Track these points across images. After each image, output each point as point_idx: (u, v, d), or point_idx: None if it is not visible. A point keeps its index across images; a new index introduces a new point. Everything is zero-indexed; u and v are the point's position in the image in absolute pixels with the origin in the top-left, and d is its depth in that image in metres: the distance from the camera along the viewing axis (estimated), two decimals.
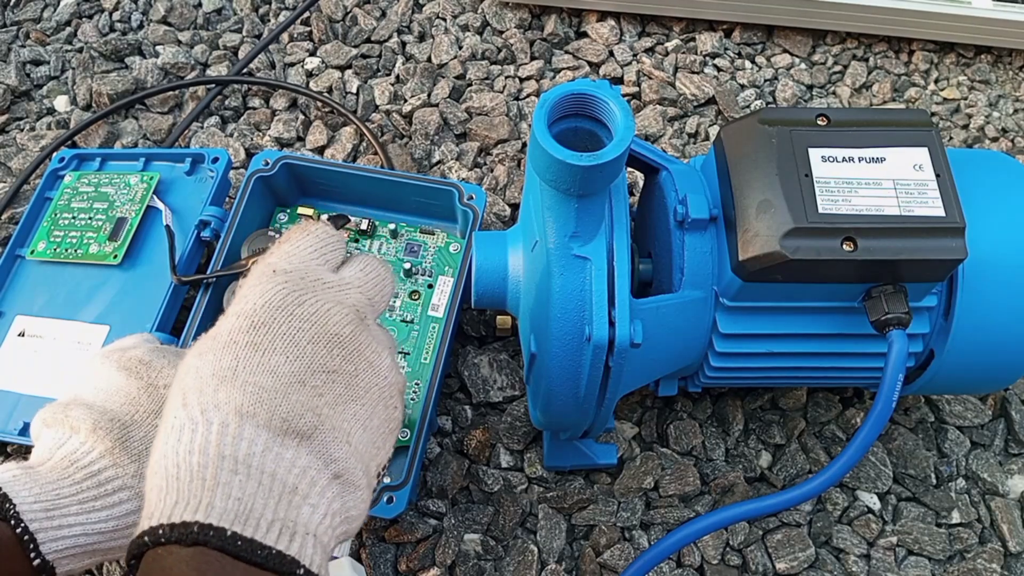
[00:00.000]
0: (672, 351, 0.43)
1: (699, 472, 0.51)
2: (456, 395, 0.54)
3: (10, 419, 0.50)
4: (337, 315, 0.30)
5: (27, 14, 0.72)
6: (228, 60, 0.69)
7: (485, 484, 0.50)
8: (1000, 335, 0.42)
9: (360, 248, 0.55)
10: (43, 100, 0.67)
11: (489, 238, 0.45)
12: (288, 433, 0.26)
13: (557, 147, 0.33)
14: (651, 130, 0.65)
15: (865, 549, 0.50)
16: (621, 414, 0.53)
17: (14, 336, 0.52)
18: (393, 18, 0.71)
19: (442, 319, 0.52)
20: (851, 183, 0.37)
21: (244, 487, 0.25)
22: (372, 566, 0.48)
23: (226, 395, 0.26)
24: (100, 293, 0.53)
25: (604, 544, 0.49)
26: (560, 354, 0.38)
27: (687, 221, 0.40)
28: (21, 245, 0.55)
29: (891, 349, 0.37)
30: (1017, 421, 0.54)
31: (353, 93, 0.67)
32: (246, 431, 0.26)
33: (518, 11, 0.71)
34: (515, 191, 0.61)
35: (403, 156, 0.63)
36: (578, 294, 0.37)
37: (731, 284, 0.39)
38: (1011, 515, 0.51)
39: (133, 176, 0.56)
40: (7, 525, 0.30)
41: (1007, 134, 0.67)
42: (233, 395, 0.26)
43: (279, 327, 0.29)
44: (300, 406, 0.27)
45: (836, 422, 0.54)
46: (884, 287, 0.38)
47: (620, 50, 0.69)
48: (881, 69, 0.70)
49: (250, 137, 0.64)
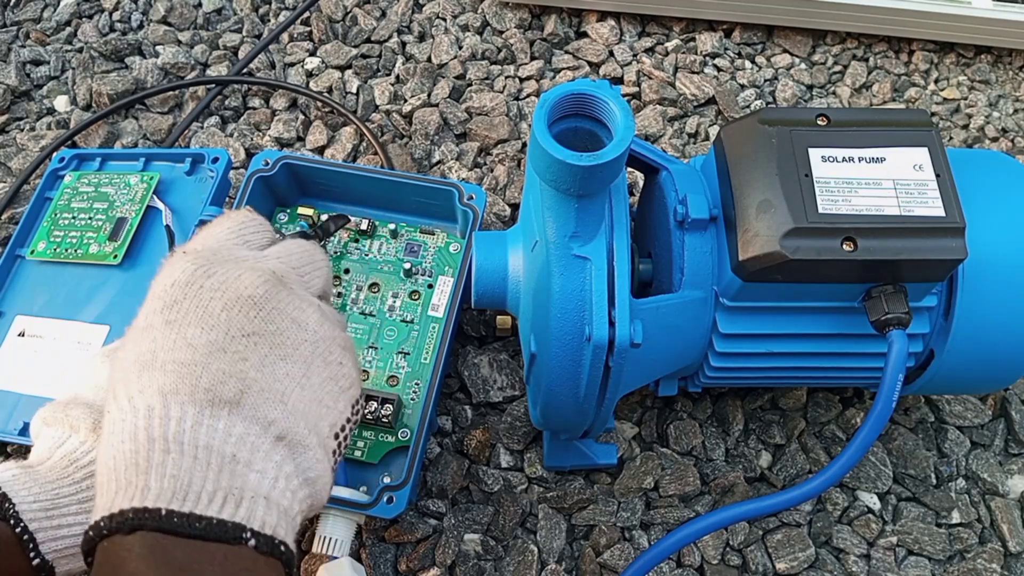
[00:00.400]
0: (672, 351, 0.43)
1: (699, 472, 0.51)
2: (456, 395, 0.54)
3: (10, 419, 0.50)
4: (248, 278, 0.29)
5: (27, 14, 0.72)
6: (228, 60, 0.69)
7: (485, 484, 0.50)
8: (1000, 335, 0.42)
9: (360, 248, 0.55)
10: (43, 100, 0.67)
11: (489, 238, 0.45)
12: (215, 403, 0.26)
13: (557, 147, 0.33)
14: (651, 130, 0.65)
15: (865, 549, 0.50)
16: (621, 414, 0.53)
17: (14, 336, 0.52)
18: (393, 18, 0.71)
19: (442, 319, 0.52)
20: (851, 183, 0.37)
21: (179, 464, 0.24)
22: (372, 566, 0.48)
23: (148, 379, 0.26)
24: (100, 293, 0.53)
25: (604, 544, 0.49)
26: (560, 354, 0.38)
27: (687, 221, 0.40)
28: (21, 245, 0.55)
29: (891, 349, 0.37)
30: (1017, 421, 0.54)
31: (353, 93, 0.67)
32: (172, 410, 0.25)
33: (518, 11, 0.71)
34: (515, 191, 0.61)
35: (403, 156, 0.63)
36: (578, 294, 0.37)
37: (731, 284, 0.39)
38: (1011, 515, 0.51)
39: (133, 176, 0.56)
40: (7, 525, 0.30)
41: (1007, 134, 0.67)
42: (155, 377, 0.26)
43: (190, 301, 0.28)
44: (222, 374, 0.27)
45: (836, 422, 0.54)
46: (884, 287, 0.38)
47: (620, 50, 0.69)
48: (881, 69, 0.70)
49: (250, 137, 0.64)
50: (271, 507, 0.26)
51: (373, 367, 0.51)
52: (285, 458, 0.27)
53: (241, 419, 0.26)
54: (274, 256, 0.32)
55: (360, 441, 0.48)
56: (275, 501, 0.26)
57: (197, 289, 0.28)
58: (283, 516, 0.26)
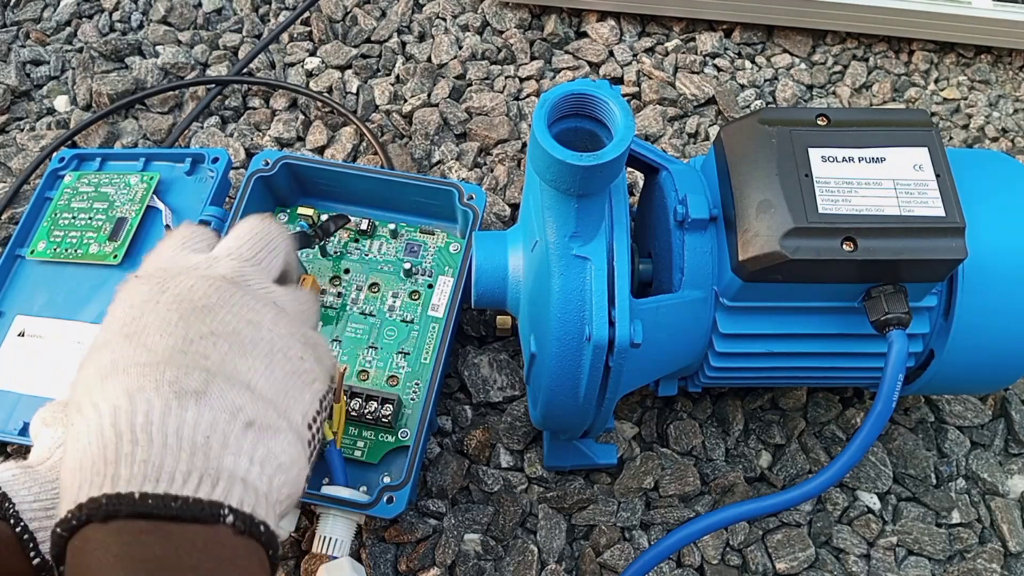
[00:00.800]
0: (672, 351, 0.43)
1: (699, 472, 0.51)
2: (456, 395, 0.54)
3: (10, 419, 0.50)
4: (201, 289, 0.29)
5: (27, 14, 0.72)
6: (228, 60, 0.69)
7: (485, 484, 0.50)
8: (1000, 335, 0.42)
9: (360, 248, 0.55)
10: (43, 100, 0.67)
11: (489, 238, 0.45)
12: (181, 395, 0.25)
13: (557, 147, 0.33)
14: (651, 130, 0.65)
15: (865, 549, 0.50)
16: (621, 414, 0.53)
17: (14, 336, 0.52)
18: (393, 18, 0.71)
19: (442, 319, 0.52)
20: (851, 183, 0.37)
21: (148, 451, 0.24)
22: (372, 566, 0.48)
23: (112, 384, 0.26)
24: (100, 293, 0.53)
25: (604, 544, 0.49)
26: (560, 354, 0.38)
27: (687, 221, 0.40)
28: (21, 245, 0.55)
29: (891, 349, 0.37)
30: (1017, 421, 0.54)
31: (353, 93, 0.67)
32: (139, 405, 0.25)
33: (518, 11, 0.71)
34: (515, 191, 0.61)
35: (403, 156, 0.63)
36: (578, 294, 0.37)
37: (731, 284, 0.39)
38: (1011, 515, 0.51)
39: (133, 176, 0.56)
40: (7, 524, 0.30)
41: (1007, 134, 0.67)
42: (118, 380, 0.26)
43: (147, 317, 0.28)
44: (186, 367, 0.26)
45: (836, 422, 0.54)
46: (884, 287, 0.38)
47: (620, 50, 0.69)
48: (881, 69, 0.70)
49: (250, 137, 0.64)
50: (248, 489, 0.25)
51: (373, 367, 0.51)
52: (257, 443, 0.27)
53: (209, 408, 0.26)
54: (224, 255, 0.32)
55: (360, 441, 0.48)
56: (252, 484, 0.25)
57: (154, 305, 0.28)
58: (262, 500, 0.26)
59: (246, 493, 0.25)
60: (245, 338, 0.29)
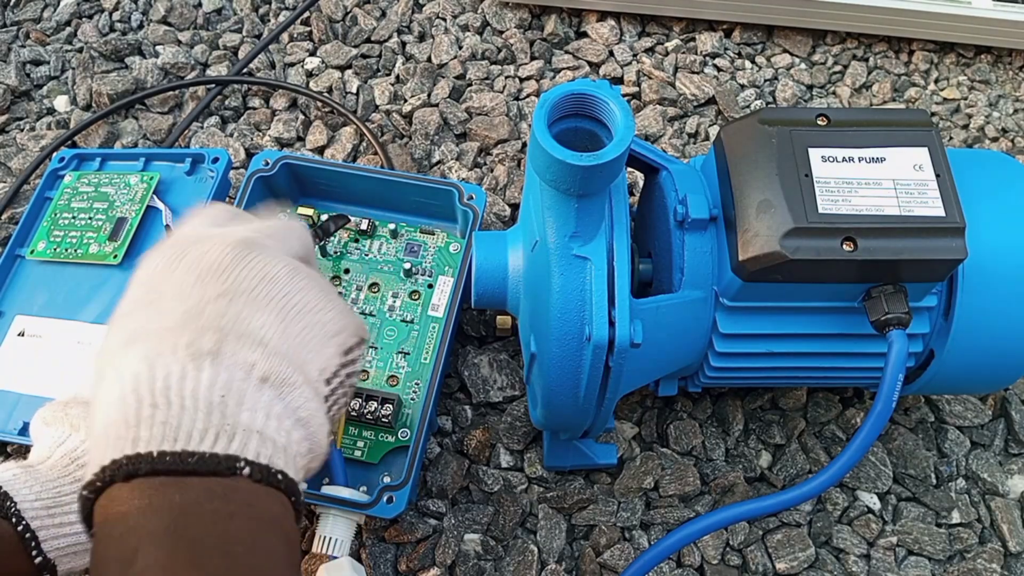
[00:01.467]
0: (672, 351, 0.43)
1: (699, 472, 0.51)
2: (456, 395, 0.54)
3: (10, 419, 0.50)
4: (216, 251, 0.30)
5: (27, 14, 0.72)
6: (228, 60, 0.69)
7: (485, 484, 0.50)
8: (1000, 335, 0.42)
9: (360, 248, 0.55)
10: (43, 100, 0.67)
11: (489, 238, 0.45)
12: (196, 356, 0.26)
13: (557, 147, 0.33)
14: (651, 130, 0.65)
15: (865, 549, 0.50)
16: (621, 414, 0.53)
17: (14, 336, 0.52)
18: (393, 18, 0.71)
19: (442, 319, 0.52)
20: (851, 183, 0.37)
21: (167, 413, 0.25)
22: (372, 566, 0.48)
23: (132, 351, 0.27)
24: (100, 293, 0.53)
25: (604, 544, 0.49)
26: (560, 354, 0.38)
27: (687, 221, 0.40)
28: (21, 245, 0.55)
29: (891, 349, 0.37)
30: (1017, 421, 0.54)
31: (353, 93, 0.67)
32: (157, 370, 0.26)
33: (518, 11, 0.71)
34: (515, 191, 0.61)
35: (403, 156, 0.63)
36: (578, 294, 0.37)
37: (731, 284, 0.39)
38: (1011, 515, 0.51)
39: (133, 176, 0.56)
40: (8, 523, 0.30)
41: (1007, 134, 0.67)
42: (138, 348, 0.27)
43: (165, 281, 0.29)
44: (200, 329, 0.27)
45: (836, 422, 0.54)
46: (884, 287, 0.38)
47: (620, 50, 0.69)
48: (881, 69, 0.70)
49: (250, 137, 0.64)
50: (265, 441, 0.26)
51: (373, 367, 0.51)
52: (273, 398, 0.27)
53: (224, 367, 0.27)
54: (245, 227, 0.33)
55: (360, 441, 0.48)
56: (269, 436, 0.26)
57: (172, 271, 0.29)
58: (279, 451, 0.26)
59: (263, 445, 0.26)
60: (259, 294, 0.29)
